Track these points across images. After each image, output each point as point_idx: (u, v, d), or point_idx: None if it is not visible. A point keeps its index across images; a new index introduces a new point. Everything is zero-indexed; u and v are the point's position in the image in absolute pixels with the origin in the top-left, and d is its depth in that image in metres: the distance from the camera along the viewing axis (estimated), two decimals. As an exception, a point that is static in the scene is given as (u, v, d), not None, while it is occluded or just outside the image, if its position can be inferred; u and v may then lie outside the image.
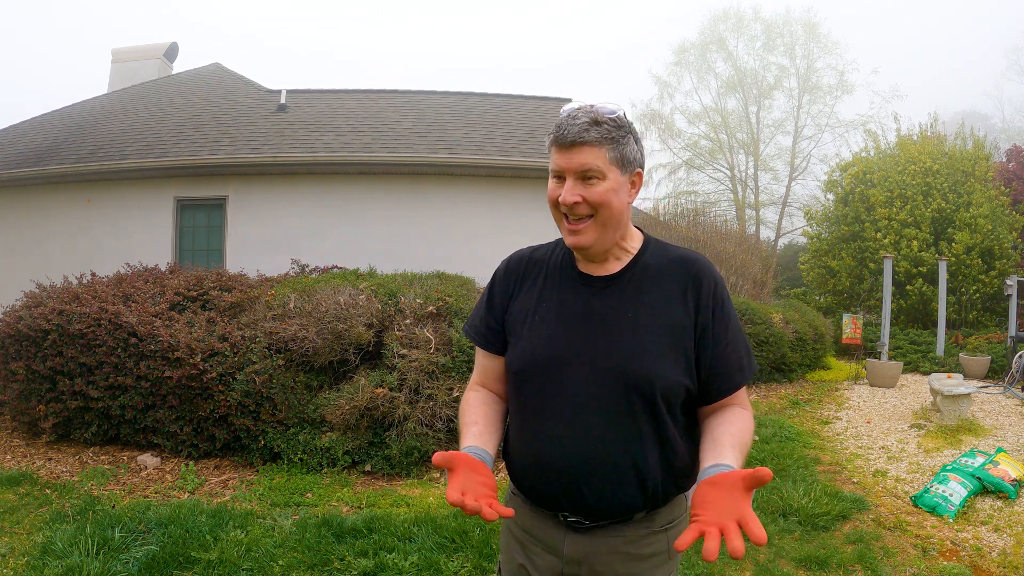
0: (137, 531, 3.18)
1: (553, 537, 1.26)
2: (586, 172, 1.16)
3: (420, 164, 8.07)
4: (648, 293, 1.23)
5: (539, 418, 1.23)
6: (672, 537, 1.27)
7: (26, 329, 4.54)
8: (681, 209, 12.74)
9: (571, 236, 1.21)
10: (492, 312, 1.36)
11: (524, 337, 1.27)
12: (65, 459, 4.47)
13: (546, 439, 1.21)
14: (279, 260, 7.19)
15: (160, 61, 12.81)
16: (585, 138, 1.15)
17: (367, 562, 2.94)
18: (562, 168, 1.18)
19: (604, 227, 1.20)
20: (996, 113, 33.70)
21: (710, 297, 1.23)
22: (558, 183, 1.20)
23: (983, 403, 7.08)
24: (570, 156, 1.16)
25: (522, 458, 1.27)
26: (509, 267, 1.38)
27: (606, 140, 1.16)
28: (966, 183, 12.44)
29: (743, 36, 24.03)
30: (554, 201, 1.21)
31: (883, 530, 3.50)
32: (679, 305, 1.22)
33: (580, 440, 1.18)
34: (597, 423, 1.17)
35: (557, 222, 1.24)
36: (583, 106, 1.20)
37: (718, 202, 23.79)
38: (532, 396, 1.24)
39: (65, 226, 8.48)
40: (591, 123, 1.15)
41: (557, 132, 1.17)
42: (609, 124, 1.17)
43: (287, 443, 4.36)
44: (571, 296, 1.26)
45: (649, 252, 1.29)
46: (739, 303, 8.10)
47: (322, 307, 4.64)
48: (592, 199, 1.17)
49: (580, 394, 1.19)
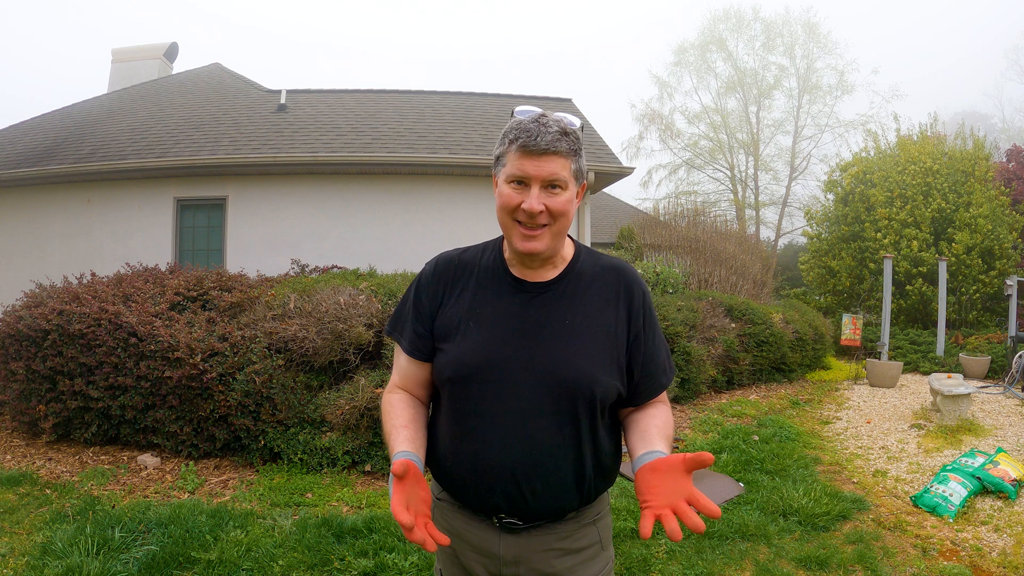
0: (137, 531, 3.18)
1: (486, 540, 1.26)
2: (553, 181, 1.17)
3: (420, 164, 8.07)
4: (582, 300, 1.26)
5: (477, 423, 1.22)
6: (602, 528, 1.32)
7: (26, 329, 4.54)
8: (681, 209, 12.73)
9: (526, 242, 1.20)
10: (420, 319, 1.33)
11: (457, 343, 1.25)
12: (65, 459, 4.47)
13: (487, 444, 1.20)
14: (279, 260, 7.20)
15: (160, 61, 12.82)
16: (557, 148, 1.15)
17: (367, 562, 2.94)
18: (528, 175, 1.17)
19: (557, 236, 1.23)
20: (996, 113, 33.71)
21: (640, 305, 1.28)
22: (517, 189, 1.18)
23: (983, 403, 7.08)
24: (539, 164, 1.16)
25: (458, 464, 1.26)
26: (437, 270, 1.35)
27: (571, 152, 1.18)
28: (966, 183, 12.44)
29: (743, 36, 24.06)
30: (512, 207, 1.19)
31: (883, 530, 3.50)
32: (611, 312, 1.26)
33: (522, 444, 1.19)
34: (539, 428, 1.19)
35: (507, 227, 1.22)
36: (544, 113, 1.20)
37: (718, 202, 23.84)
38: (469, 401, 1.23)
39: (65, 226, 8.48)
40: (561, 133, 1.16)
41: (526, 137, 1.15)
42: (573, 136, 1.19)
43: (287, 443, 4.36)
44: (506, 301, 1.26)
45: (582, 260, 1.31)
46: (739, 303, 8.10)
47: (322, 307, 4.64)
48: (555, 208, 1.18)
49: (520, 399, 1.19)
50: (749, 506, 3.77)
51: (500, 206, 1.22)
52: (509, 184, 1.19)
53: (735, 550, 3.21)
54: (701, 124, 24.63)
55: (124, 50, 12.99)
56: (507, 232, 1.23)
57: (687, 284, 10.04)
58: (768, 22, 23.84)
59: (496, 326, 1.24)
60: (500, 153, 1.22)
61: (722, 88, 24.10)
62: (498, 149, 1.23)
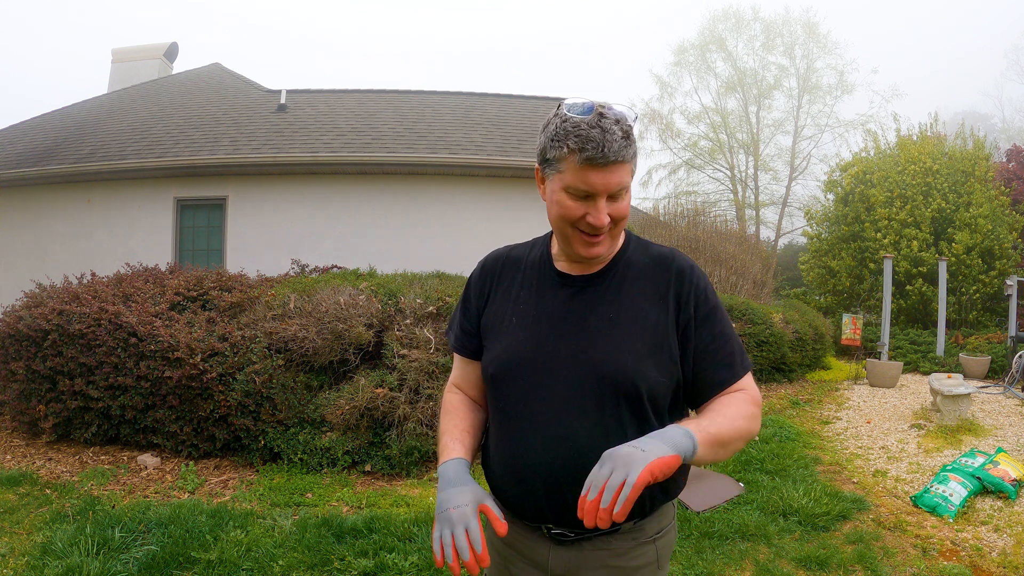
0: (137, 531, 3.18)
1: (537, 551, 1.20)
2: (619, 191, 1.09)
3: (420, 164, 8.07)
4: (628, 293, 1.18)
5: (519, 423, 1.17)
6: (661, 547, 1.22)
7: (26, 329, 4.54)
8: (681, 209, 12.74)
9: (590, 248, 1.14)
10: (467, 316, 1.31)
11: (500, 339, 1.21)
12: (65, 459, 4.47)
13: (527, 445, 1.15)
14: (279, 260, 7.19)
15: (160, 61, 12.82)
16: (624, 156, 1.06)
17: (367, 562, 2.94)
18: (595, 188, 1.06)
19: (618, 237, 1.19)
20: (996, 113, 33.70)
21: (691, 294, 1.17)
22: (579, 201, 1.09)
23: (983, 403, 7.08)
24: (607, 176, 1.06)
25: (501, 466, 1.21)
26: (485, 269, 1.33)
27: (633, 156, 1.09)
28: (966, 183, 12.44)
29: (743, 36, 24.06)
30: (575, 219, 1.11)
31: (883, 530, 3.50)
32: (659, 304, 1.17)
33: (563, 445, 1.12)
34: (581, 427, 1.11)
35: (566, 234, 1.15)
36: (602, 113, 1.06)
37: (718, 202, 23.82)
38: (510, 400, 1.18)
39: (65, 226, 8.48)
40: (625, 138, 1.05)
41: (592, 149, 1.03)
42: (633, 138, 1.08)
43: (287, 443, 4.36)
44: (549, 296, 1.21)
45: (631, 250, 1.24)
46: (739, 303, 8.10)
47: (322, 307, 4.64)
48: (619, 215, 1.12)
49: (562, 397, 1.13)
50: (749, 506, 3.77)
51: (559, 216, 1.12)
52: (570, 195, 1.10)
53: (735, 550, 3.21)
54: (701, 124, 24.64)
55: (124, 50, 13.00)
56: (565, 238, 1.16)
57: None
58: (768, 22, 23.86)
59: (539, 322, 1.19)
60: (555, 157, 1.09)
61: (722, 88, 24.10)
62: (551, 151, 1.10)
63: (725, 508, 3.75)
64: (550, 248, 1.28)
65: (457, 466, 1.16)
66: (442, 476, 1.15)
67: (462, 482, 1.11)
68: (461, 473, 1.14)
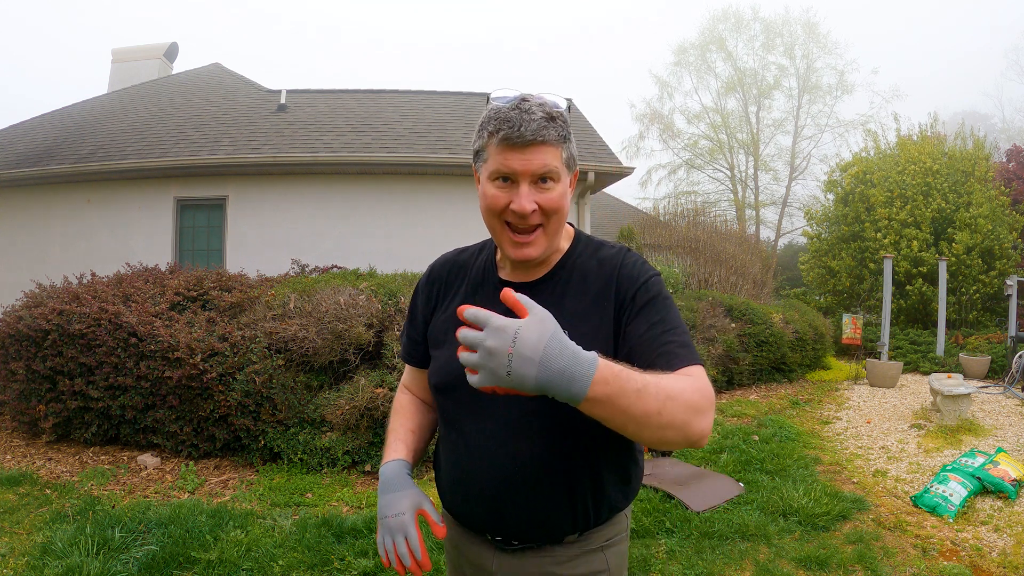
0: (137, 531, 3.18)
1: (483, 557, 1.18)
2: (544, 175, 1.04)
3: (420, 164, 8.08)
4: (571, 299, 1.12)
5: (462, 437, 1.14)
6: (612, 556, 1.17)
7: (26, 329, 4.54)
8: (681, 209, 12.72)
9: (519, 249, 1.08)
10: (414, 324, 1.29)
11: (443, 350, 1.17)
12: (65, 459, 4.47)
13: (469, 460, 1.12)
14: (279, 260, 7.19)
15: (160, 61, 12.82)
16: (545, 136, 1.02)
17: (367, 562, 2.94)
18: (515, 170, 1.03)
19: (553, 235, 1.11)
20: (996, 113, 33.73)
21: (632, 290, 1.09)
22: (503, 187, 1.05)
23: (983, 403, 7.08)
24: (527, 157, 1.03)
25: (447, 478, 1.20)
26: (432, 275, 1.29)
27: (560, 139, 1.05)
28: (966, 183, 12.44)
29: (742, 36, 24.07)
30: (499, 209, 1.06)
31: (883, 530, 3.50)
32: (600, 309, 1.10)
33: (506, 464, 1.08)
34: (522, 441, 1.07)
35: (497, 232, 1.10)
36: (524, 96, 1.06)
37: (718, 202, 23.84)
38: (453, 413, 1.16)
39: (65, 226, 8.48)
40: (547, 119, 1.03)
41: (508, 128, 1.01)
42: (561, 120, 1.05)
43: (287, 443, 4.36)
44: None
45: (577, 253, 1.17)
46: (739, 303, 8.10)
47: (322, 307, 4.64)
48: (548, 205, 1.06)
49: (503, 414, 1.08)
50: (749, 506, 3.77)
51: (485, 208, 1.08)
52: (493, 182, 1.06)
53: (735, 550, 3.21)
54: (701, 124, 24.66)
55: (124, 50, 13.00)
56: (496, 237, 1.12)
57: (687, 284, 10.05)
58: (768, 22, 23.87)
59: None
60: (479, 147, 1.08)
61: (722, 88, 24.12)
62: (476, 142, 1.09)
63: (725, 508, 3.75)
64: (495, 253, 1.23)
65: (396, 468, 1.16)
66: (382, 478, 1.16)
67: (400, 486, 1.13)
68: (400, 476, 1.15)
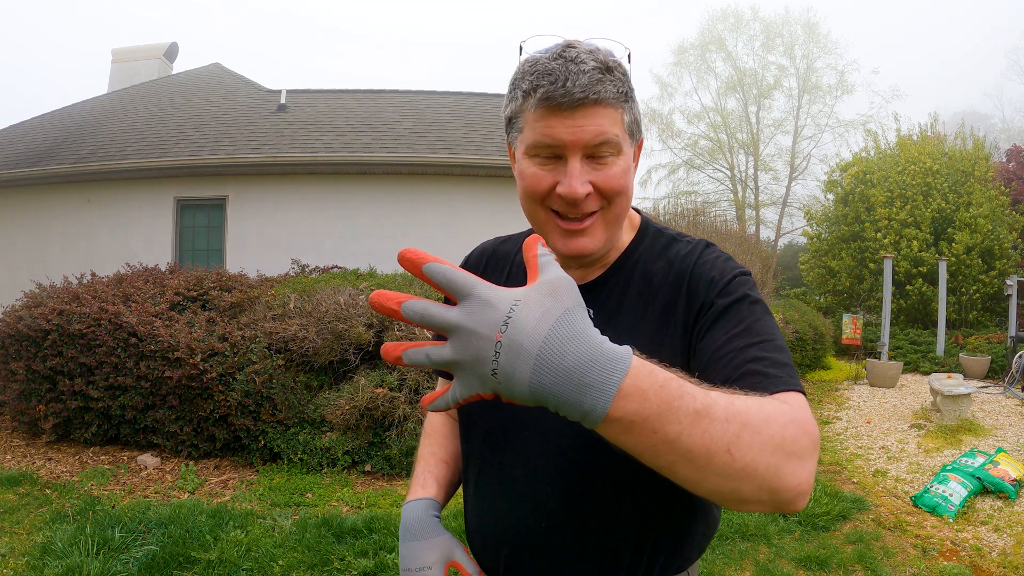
0: (137, 531, 3.18)
1: None
2: (600, 146, 0.77)
3: (420, 164, 8.07)
4: (629, 312, 0.87)
5: (487, 474, 0.93)
6: None
7: (26, 329, 4.54)
8: (681, 209, 12.75)
9: (570, 240, 0.83)
10: None
11: None
12: (65, 459, 4.47)
13: (489, 501, 0.92)
14: (279, 260, 7.19)
15: (160, 61, 12.82)
16: (600, 94, 0.75)
17: (367, 562, 2.94)
18: (561, 141, 0.77)
19: (617, 223, 0.84)
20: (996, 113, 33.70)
21: (705, 290, 0.82)
22: (547, 164, 0.80)
23: (983, 403, 7.08)
24: (577, 122, 0.76)
25: (472, 519, 0.99)
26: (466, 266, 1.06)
27: (622, 96, 0.78)
28: (966, 183, 12.44)
29: (742, 36, 24.06)
30: (541, 193, 0.81)
31: (883, 530, 3.50)
32: (666, 324, 0.84)
33: (529, 509, 0.86)
34: (553, 486, 0.85)
35: (540, 222, 0.85)
36: (570, 43, 0.78)
37: (718, 202, 23.83)
38: (477, 446, 0.95)
39: (65, 226, 8.48)
40: (602, 69, 0.76)
41: (549, 84, 0.74)
42: (620, 72, 0.78)
43: (287, 443, 4.36)
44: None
45: (642, 249, 0.91)
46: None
47: (322, 307, 4.64)
48: (608, 186, 0.79)
49: (533, 451, 0.86)
50: (749, 506, 3.77)
51: (523, 192, 0.83)
52: (532, 158, 0.80)
53: (735, 550, 3.20)
54: (701, 124, 24.65)
55: (124, 50, 13.00)
56: (539, 227, 0.86)
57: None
58: (767, 22, 23.86)
59: None
60: (512, 113, 0.82)
61: (722, 88, 24.11)
62: (508, 107, 0.82)
63: (725, 508, 3.75)
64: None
65: (422, 510, 0.95)
66: (403, 521, 0.94)
67: (427, 533, 0.91)
68: (426, 520, 0.93)
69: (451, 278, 0.53)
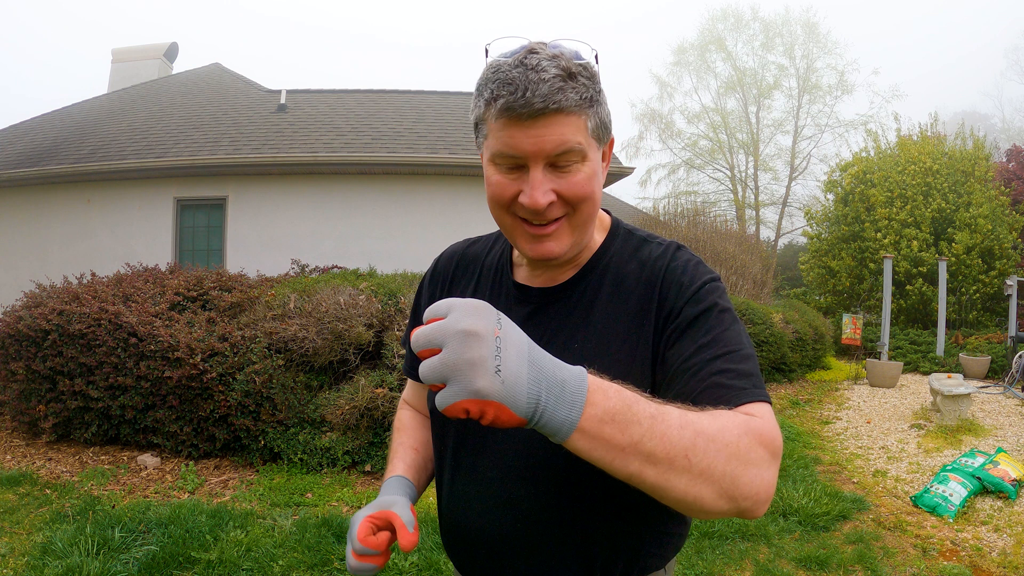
0: (137, 531, 3.18)
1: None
2: (562, 155, 0.78)
3: (420, 164, 8.07)
4: (603, 310, 0.87)
5: (461, 476, 0.93)
6: None
7: (26, 329, 4.54)
8: (681, 209, 12.74)
9: (537, 244, 0.84)
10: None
11: None
12: (65, 459, 4.47)
13: (467, 505, 0.91)
14: (279, 260, 7.20)
15: (160, 61, 12.82)
16: (561, 102, 0.74)
17: (367, 562, 2.94)
18: (522, 150, 0.77)
19: (582, 227, 0.85)
20: (996, 113, 33.73)
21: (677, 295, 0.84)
22: (509, 175, 0.80)
23: (983, 403, 7.08)
24: (538, 132, 0.76)
25: (444, 520, 0.99)
26: (436, 271, 1.07)
27: (584, 102, 0.77)
28: (966, 183, 12.45)
29: (742, 36, 24.05)
30: (506, 200, 0.82)
31: (883, 530, 3.50)
32: (638, 326, 0.85)
33: (506, 512, 0.87)
34: (527, 486, 0.85)
35: (506, 225, 0.86)
36: (532, 49, 0.76)
37: (718, 202, 23.83)
38: (448, 445, 0.96)
39: (65, 226, 8.48)
40: (563, 76, 0.75)
41: (509, 94, 0.74)
42: (585, 76, 0.77)
43: (287, 443, 4.36)
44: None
45: (613, 251, 0.92)
46: (739, 303, 8.09)
47: (322, 307, 4.64)
48: (571, 193, 0.80)
49: (506, 452, 0.87)
50: (749, 506, 3.77)
51: (490, 199, 0.84)
52: (498, 167, 0.81)
53: (735, 550, 3.21)
54: (701, 124, 24.64)
55: (124, 50, 13.00)
56: (507, 233, 0.88)
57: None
58: (767, 22, 23.85)
59: None
60: (477, 118, 0.82)
61: (722, 88, 24.10)
62: (473, 112, 0.83)
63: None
64: (512, 249, 0.99)
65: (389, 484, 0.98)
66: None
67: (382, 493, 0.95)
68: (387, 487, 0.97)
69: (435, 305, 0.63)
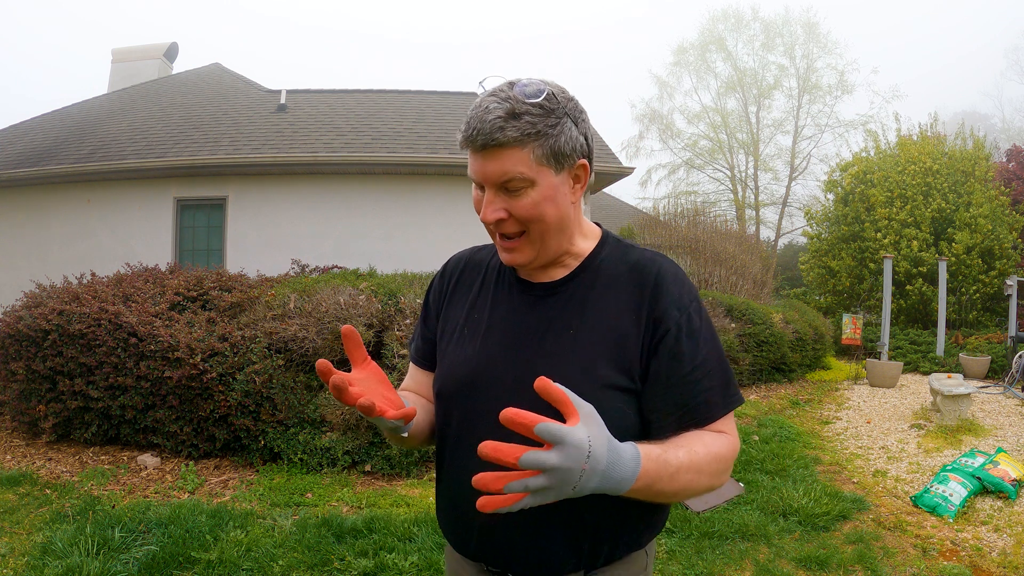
0: (137, 531, 3.18)
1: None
2: (507, 182, 0.93)
3: (420, 164, 8.08)
4: (596, 303, 1.00)
5: (460, 451, 1.02)
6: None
7: (26, 329, 4.53)
8: (681, 209, 12.72)
9: (505, 253, 1.01)
10: (427, 323, 1.18)
11: (449, 353, 1.08)
12: (65, 459, 4.47)
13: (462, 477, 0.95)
14: (279, 260, 7.19)
15: (160, 61, 12.81)
16: (500, 139, 0.90)
17: (367, 562, 2.94)
18: (479, 177, 0.95)
19: (543, 241, 0.98)
20: (996, 113, 33.73)
21: (672, 309, 0.97)
22: (480, 193, 0.98)
23: (983, 403, 7.08)
24: (484, 162, 0.93)
25: (441, 498, 1.09)
26: (446, 271, 1.20)
27: (530, 137, 0.90)
28: (966, 183, 12.45)
29: (742, 36, 24.04)
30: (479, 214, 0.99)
31: (883, 530, 3.50)
32: (631, 318, 0.98)
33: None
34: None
35: (489, 234, 1.03)
36: (493, 92, 0.93)
37: (718, 202, 23.83)
38: (452, 424, 1.04)
39: (65, 226, 8.48)
40: (508, 116, 0.89)
41: (466, 130, 0.92)
42: (532, 114, 0.90)
43: (287, 443, 4.36)
44: (505, 306, 1.06)
45: (604, 255, 1.06)
46: (739, 303, 8.09)
47: (322, 307, 4.64)
48: (520, 214, 0.95)
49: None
50: (749, 506, 3.78)
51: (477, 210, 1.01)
52: (475, 185, 0.99)
53: (735, 550, 3.21)
54: (701, 124, 24.63)
55: (124, 50, 12.99)
56: (492, 238, 1.04)
57: (687, 284, 10.02)
58: (767, 22, 23.84)
59: (490, 335, 1.04)
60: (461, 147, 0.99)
61: (722, 88, 24.09)
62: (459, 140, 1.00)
63: (725, 508, 3.75)
64: None
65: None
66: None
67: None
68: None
69: (548, 429, 0.73)
